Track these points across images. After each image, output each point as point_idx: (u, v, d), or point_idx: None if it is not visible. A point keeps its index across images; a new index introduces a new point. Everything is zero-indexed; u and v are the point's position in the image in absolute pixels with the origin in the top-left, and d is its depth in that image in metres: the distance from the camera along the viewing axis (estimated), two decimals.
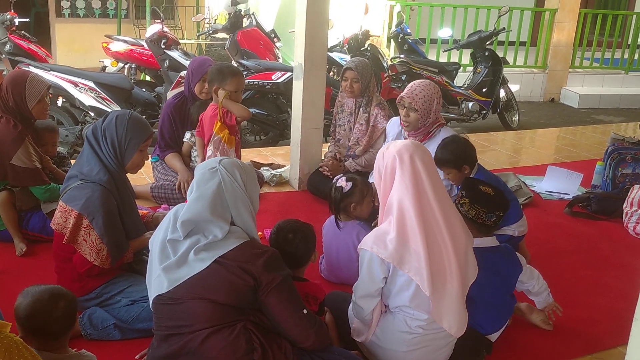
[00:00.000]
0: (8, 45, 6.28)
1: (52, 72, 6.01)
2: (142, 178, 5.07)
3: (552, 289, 3.07)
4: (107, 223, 2.81)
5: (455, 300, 2.43)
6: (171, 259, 2.24)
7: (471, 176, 3.45)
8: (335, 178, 3.41)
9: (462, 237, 2.46)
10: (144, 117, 6.88)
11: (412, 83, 3.90)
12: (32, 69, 5.58)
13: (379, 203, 2.59)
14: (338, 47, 8.02)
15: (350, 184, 3.27)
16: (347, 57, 7.47)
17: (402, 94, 3.84)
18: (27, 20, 7.29)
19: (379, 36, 9.51)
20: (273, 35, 7.84)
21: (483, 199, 2.77)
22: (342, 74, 4.69)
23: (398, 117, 4.04)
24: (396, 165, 2.44)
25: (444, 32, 9.71)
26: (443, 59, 9.63)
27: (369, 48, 7.95)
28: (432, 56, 9.46)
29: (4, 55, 6.37)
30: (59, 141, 4.19)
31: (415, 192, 2.40)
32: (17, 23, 6.58)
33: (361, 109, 4.60)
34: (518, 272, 2.90)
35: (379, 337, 2.54)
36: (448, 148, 3.49)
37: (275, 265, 2.24)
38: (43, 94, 3.69)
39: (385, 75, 7.53)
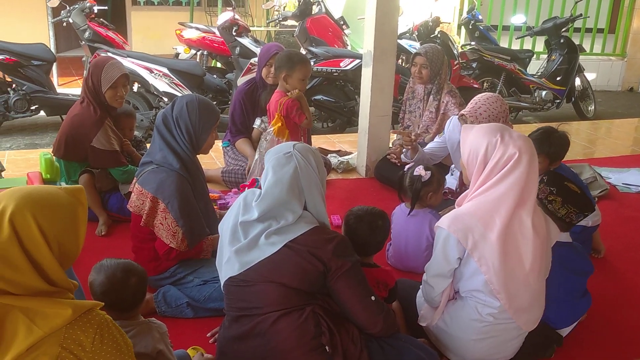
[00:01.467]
0: (87, 33, 6.53)
1: (128, 58, 6.22)
2: (213, 162, 5.20)
3: (626, 285, 2.97)
4: (182, 207, 2.89)
5: (532, 296, 2.40)
6: (242, 242, 2.28)
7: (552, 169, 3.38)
8: (409, 167, 3.40)
9: (544, 234, 2.43)
10: (214, 103, 7.07)
11: (475, 98, 3.56)
12: (110, 56, 5.78)
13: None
14: (407, 34, 7.95)
15: (429, 173, 3.28)
16: (417, 45, 7.39)
17: (464, 111, 3.53)
18: (105, 8, 7.56)
19: (449, 23, 9.36)
20: (342, 22, 7.84)
21: (574, 199, 2.71)
22: (412, 60, 4.65)
23: (456, 121, 3.91)
24: (512, 160, 2.37)
25: (517, 19, 9.46)
26: (515, 46, 9.40)
27: (439, 35, 7.85)
28: (504, 43, 9.25)
29: (83, 42, 6.63)
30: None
31: (518, 193, 2.36)
32: (95, 11, 6.83)
33: (431, 96, 4.55)
34: (589, 271, 2.82)
35: (447, 324, 2.53)
36: (550, 138, 3.43)
37: (345, 251, 2.25)
38: (117, 81, 3.78)
39: (456, 62, 7.41)
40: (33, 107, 6.61)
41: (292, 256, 2.20)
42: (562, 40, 7.81)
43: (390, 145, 5.02)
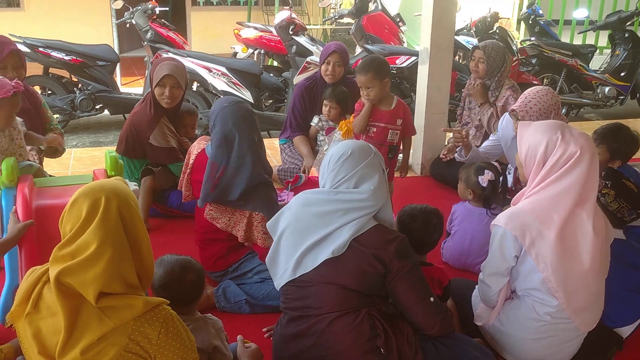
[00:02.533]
0: (149, 33, 6.70)
1: (188, 58, 6.36)
2: (270, 160, 5.26)
3: None
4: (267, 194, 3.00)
5: (590, 295, 2.36)
6: (309, 242, 2.28)
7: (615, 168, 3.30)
8: (485, 172, 3.40)
9: (604, 235, 2.38)
10: (270, 101, 7.16)
11: (525, 92, 3.49)
12: (171, 56, 5.93)
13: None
14: (465, 30, 7.84)
15: (491, 173, 3.35)
16: (474, 41, 7.29)
17: (514, 106, 3.46)
18: (167, 9, 7.74)
19: (508, 18, 9.19)
20: (398, 19, 7.79)
21: (628, 195, 2.67)
22: (471, 53, 4.60)
23: (509, 119, 3.84)
24: (573, 158, 2.34)
25: (580, 13, 9.21)
26: (577, 41, 9.14)
27: (497, 31, 7.72)
28: (565, 38, 9.02)
29: (145, 43, 6.81)
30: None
31: (578, 192, 2.33)
32: (157, 12, 6.99)
33: (490, 92, 4.49)
34: None
35: (503, 323, 2.50)
36: (618, 133, 3.38)
37: (406, 252, 2.25)
38: (163, 80, 3.83)
39: (515, 58, 7.25)
40: (97, 106, 6.84)
41: (353, 258, 2.21)
42: (626, 35, 7.55)
43: (446, 143, 4.97)
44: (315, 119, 4.59)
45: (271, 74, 7.18)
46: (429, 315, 2.27)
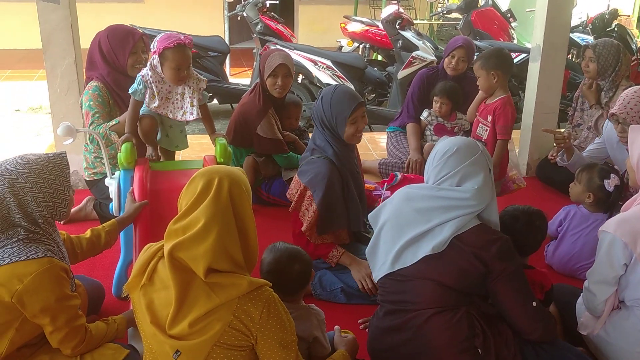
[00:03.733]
0: (259, 26, 6.89)
1: (295, 51, 6.49)
2: (370, 154, 5.29)
3: None
4: (325, 196, 2.97)
5: None
6: (408, 237, 2.28)
7: None
8: (611, 176, 3.25)
9: None
10: (373, 95, 7.17)
11: (623, 94, 3.32)
12: (279, 48, 6.06)
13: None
14: (580, 27, 7.50)
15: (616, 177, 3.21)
16: (590, 39, 6.97)
17: (613, 109, 3.29)
18: (276, 2, 7.90)
19: (628, 15, 8.70)
20: (509, 15, 7.59)
21: None
22: (582, 53, 4.42)
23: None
24: None
25: None
26: None
27: (615, 28, 7.33)
28: None
29: (255, 35, 7.00)
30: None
31: None
32: (267, 5, 7.18)
33: (603, 93, 4.28)
34: None
35: (609, 334, 2.40)
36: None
37: (508, 253, 2.20)
38: (276, 70, 3.92)
39: (634, 58, 6.86)
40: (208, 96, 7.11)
41: (454, 256, 2.19)
42: None
43: (554, 144, 4.80)
44: (425, 113, 4.53)
45: (375, 68, 7.19)
46: (531, 320, 2.21)
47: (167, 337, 1.79)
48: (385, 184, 4.30)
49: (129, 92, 3.18)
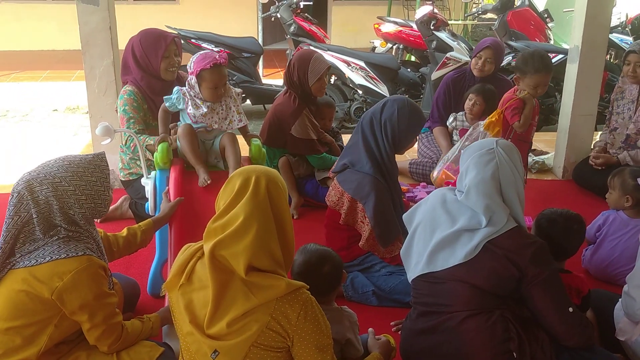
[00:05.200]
0: (293, 27, 6.91)
1: (328, 52, 6.49)
2: (402, 155, 5.24)
3: None
4: (377, 208, 2.98)
5: None
6: (439, 240, 2.27)
7: None
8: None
9: None
10: (406, 96, 7.13)
11: None
12: (313, 49, 6.08)
13: None
14: (619, 28, 7.34)
15: None
16: (629, 40, 6.82)
17: None
18: (310, 3, 7.92)
19: None
20: (546, 16, 7.47)
21: None
22: (624, 57, 4.31)
23: None
24: None
25: None
26: None
27: None
28: None
29: (288, 36, 7.03)
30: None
31: None
32: (301, 6, 7.20)
33: None
34: None
35: None
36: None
37: (543, 258, 2.17)
38: (323, 74, 4.02)
39: None
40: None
41: (487, 260, 2.17)
42: None
43: (592, 147, 4.71)
44: (451, 118, 4.50)
45: (408, 69, 7.15)
46: (567, 325, 2.18)
47: (205, 337, 1.81)
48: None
49: (164, 99, 3.14)
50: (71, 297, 2.03)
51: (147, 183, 3.11)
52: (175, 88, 3.11)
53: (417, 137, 3.16)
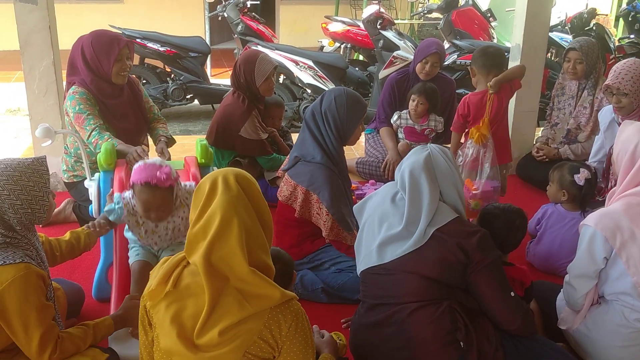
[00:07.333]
0: (240, 26, 6.87)
1: (276, 51, 6.48)
2: (351, 152, 5.29)
3: None
4: (333, 196, 2.98)
5: None
6: (388, 233, 2.30)
7: None
8: (581, 170, 3.29)
9: None
10: (343, 86, 7.16)
11: (615, 67, 3.50)
12: (260, 49, 6.05)
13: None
14: (559, 27, 7.58)
15: (586, 172, 3.27)
16: (569, 38, 7.03)
17: (607, 82, 3.46)
18: (257, 2, 7.88)
19: (606, 15, 8.80)
20: (489, 15, 7.62)
21: None
22: (564, 55, 4.44)
23: (607, 106, 3.73)
24: None
25: None
26: None
27: (594, 27, 7.40)
28: None
29: (235, 35, 6.98)
30: None
31: None
32: (248, 5, 7.16)
33: (585, 91, 4.33)
34: None
35: (590, 328, 2.43)
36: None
37: (488, 245, 2.23)
38: (270, 74, 4.00)
39: (612, 57, 6.95)
40: (188, 96, 7.08)
41: (436, 247, 2.21)
42: None
43: (534, 142, 4.84)
44: (395, 116, 4.53)
45: (357, 68, 7.20)
46: (510, 309, 2.23)
47: (195, 352, 1.71)
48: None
49: (105, 211, 2.71)
50: (6, 306, 1.96)
51: (91, 185, 3.04)
52: (116, 196, 2.72)
53: (362, 127, 3.14)
